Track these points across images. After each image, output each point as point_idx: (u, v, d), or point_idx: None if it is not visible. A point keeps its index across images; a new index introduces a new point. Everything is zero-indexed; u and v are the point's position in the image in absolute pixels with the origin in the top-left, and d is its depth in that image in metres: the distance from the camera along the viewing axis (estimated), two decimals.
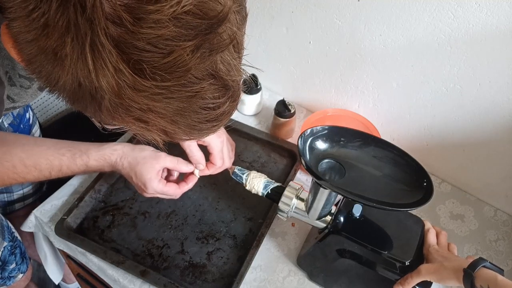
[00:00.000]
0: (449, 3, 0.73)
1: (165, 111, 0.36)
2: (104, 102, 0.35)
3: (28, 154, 0.63)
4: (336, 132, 0.64)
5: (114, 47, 0.31)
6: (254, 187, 0.73)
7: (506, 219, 0.94)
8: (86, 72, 0.33)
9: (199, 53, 0.33)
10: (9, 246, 0.87)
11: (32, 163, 0.63)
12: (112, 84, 0.33)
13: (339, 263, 0.70)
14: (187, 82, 0.34)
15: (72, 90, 0.35)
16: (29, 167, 0.63)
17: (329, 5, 0.88)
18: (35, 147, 0.65)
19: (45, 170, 0.64)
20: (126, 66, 0.32)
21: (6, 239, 0.86)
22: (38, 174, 0.64)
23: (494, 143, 0.86)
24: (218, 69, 0.36)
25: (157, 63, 0.32)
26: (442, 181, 1.01)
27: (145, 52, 0.32)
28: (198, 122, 0.39)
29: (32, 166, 0.63)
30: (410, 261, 0.64)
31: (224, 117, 0.41)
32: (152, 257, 0.81)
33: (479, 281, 0.56)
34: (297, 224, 0.89)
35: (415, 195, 0.57)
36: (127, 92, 0.34)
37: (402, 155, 0.61)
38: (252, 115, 1.11)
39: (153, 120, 0.37)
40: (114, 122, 0.38)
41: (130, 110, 0.36)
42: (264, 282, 0.80)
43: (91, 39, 0.31)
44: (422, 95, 0.89)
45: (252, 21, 1.05)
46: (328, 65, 1.00)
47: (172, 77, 0.33)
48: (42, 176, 0.65)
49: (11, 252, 0.88)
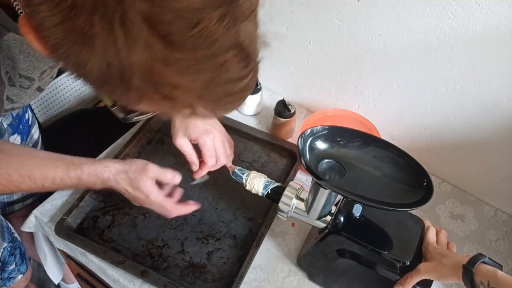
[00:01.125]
0: (449, 3, 0.73)
1: (192, 85, 0.36)
2: (133, 82, 0.35)
3: (23, 163, 0.64)
4: (336, 132, 0.64)
5: (143, 22, 0.32)
6: (254, 187, 0.72)
7: (506, 219, 0.94)
8: (115, 50, 0.33)
9: (225, 22, 0.34)
10: (9, 247, 0.87)
11: (26, 172, 0.63)
12: (142, 60, 0.33)
13: (339, 263, 0.70)
14: (214, 53, 0.35)
15: (100, 73, 0.35)
16: (23, 176, 0.63)
17: (329, 5, 0.88)
18: (30, 158, 0.66)
19: (39, 181, 0.64)
20: (156, 40, 0.32)
21: (6, 240, 0.86)
22: (31, 184, 0.64)
23: (494, 143, 0.86)
24: (242, 40, 0.36)
25: (185, 35, 0.33)
26: (442, 181, 1.01)
27: (173, 24, 0.32)
28: (223, 95, 0.39)
29: (27, 176, 0.63)
30: (410, 261, 0.64)
31: (247, 90, 0.41)
32: (152, 257, 0.81)
33: (478, 277, 0.55)
34: (297, 224, 0.89)
35: (415, 195, 0.57)
36: (157, 67, 0.34)
37: (402, 155, 0.61)
38: (252, 115, 1.11)
39: (181, 96, 0.37)
40: (141, 104, 0.39)
41: (159, 88, 0.36)
42: (264, 282, 0.80)
43: (120, 16, 0.31)
44: (422, 95, 0.89)
45: None
46: (328, 65, 1.00)
47: (200, 47, 0.34)
48: (35, 187, 0.65)
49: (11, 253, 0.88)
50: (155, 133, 1.03)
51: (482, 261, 0.57)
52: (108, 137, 1.02)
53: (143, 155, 0.98)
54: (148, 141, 1.01)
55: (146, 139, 1.01)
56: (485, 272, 0.55)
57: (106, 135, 1.04)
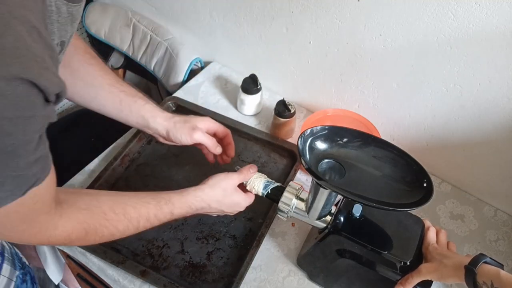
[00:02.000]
0: (449, 3, 0.73)
1: None
2: None
3: (114, 201, 0.61)
4: (336, 132, 0.64)
5: None
6: (254, 187, 0.73)
7: (506, 219, 0.94)
8: None
9: None
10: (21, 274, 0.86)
11: (121, 210, 0.60)
12: None
13: (339, 263, 0.70)
14: None
15: None
16: (119, 215, 0.59)
17: (329, 5, 0.88)
18: (119, 196, 0.63)
19: (134, 219, 0.61)
20: None
21: (17, 267, 0.86)
22: (127, 223, 0.60)
23: (494, 143, 0.86)
24: None
25: None
26: (442, 181, 1.01)
27: None
28: None
29: (122, 214, 0.60)
30: (410, 261, 0.64)
31: None
32: (152, 257, 0.81)
33: (481, 277, 0.55)
34: (297, 224, 0.89)
35: (415, 195, 0.57)
36: None
37: (402, 155, 0.61)
38: (252, 115, 1.11)
39: None
40: None
41: None
42: (264, 282, 0.80)
43: None
44: (422, 95, 0.89)
45: (252, 21, 1.05)
46: (328, 65, 1.00)
47: None
48: (131, 227, 0.61)
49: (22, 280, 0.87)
50: None
51: (484, 261, 0.57)
52: (108, 137, 1.02)
53: (143, 155, 0.98)
54: (148, 141, 1.01)
55: (146, 139, 1.01)
56: (488, 272, 0.55)
57: (106, 135, 1.04)
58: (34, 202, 0.47)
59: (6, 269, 0.82)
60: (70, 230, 0.54)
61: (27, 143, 0.41)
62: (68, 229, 0.53)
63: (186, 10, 1.18)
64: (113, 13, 1.36)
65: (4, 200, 0.43)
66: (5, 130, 0.38)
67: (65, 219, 0.53)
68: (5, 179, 0.41)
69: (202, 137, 0.76)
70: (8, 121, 0.37)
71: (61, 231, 0.53)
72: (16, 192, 0.43)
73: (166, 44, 1.27)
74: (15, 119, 0.38)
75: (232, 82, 1.19)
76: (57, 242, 0.53)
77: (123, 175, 0.94)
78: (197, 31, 1.22)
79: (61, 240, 0.53)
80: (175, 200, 0.65)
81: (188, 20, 1.21)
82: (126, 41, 1.34)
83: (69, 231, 0.54)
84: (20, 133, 0.39)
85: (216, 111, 1.06)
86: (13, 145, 0.39)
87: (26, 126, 0.40)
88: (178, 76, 1.24)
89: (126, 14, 1.34)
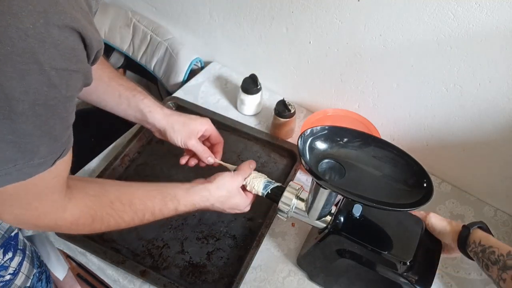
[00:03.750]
0: (449, 3, 0.73)
1: None
2: None
3: (121, 192, 0.61)
4: (336, 132, 0.64)
5: None
6: (254, 187, 0.72)
7: (506, 219, 0.94)
8: None
9: None
10: (37, 272, 0.87)
11: (127, 201, 0.60)
12: None
13: (339, 263, 0.70)
14: None
15: None
16: (125, 205, 0.60)
17: (329, 5, 0.88)
18: (126, 187, 0.63)
19: (140, 212, 0.61)
20: None
21: (35, 266, 0.86)
22: (133, 215, 0.61)
23: (494, 143, 0.86)
24: None
25: None
26: (442, 181, 1.01)
27: None
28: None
29: (128, 205, 0.60)
30: (410, 261, 0.64)
31: None
32: (152, 257, 0.81)
33: (473, 237, 0.63)
34: (297, 224, 0.89)
35: (415, 195, 0.57)
36: None
37: (402, 155, 0.61)
38: (252, 115, 1.11)
39: None
40: None
41: None
42: (264, 282, 0.80)
43: None
44: (422, 95, 0.89)
45: (252, 21, 1.05)
46: (328, 65, 1.00)
47: None
48: (137, 219, 0.62)
49: (38, 278, 0.88)
50: None
51: (479, 226, 0.65)
52: (108, 137, 1.02)
53: (143, 155, 0.98)
54: (148, 141, 1.01)
55: (146, 139, 1.01)
56: (479, 234, 0.63)
57: (106, 135, 1.04)
58: (53, 177, 0.47)
59: (25, 267, 0.82)
60: (77, 215, 0.54)
61: (67, 100, 0.41)
62: (76, 214, 0.54)
63: (186, 10, 1.18)
64: (113, 13, 1.36)
65: (36, 169, 0.43)
66: (51, 81, 0.37)
67: (73, 203, 0.53)
68: (42, 140, 0.40)
69: (196, 146, 0.77)
70: (56, 72, 0.37)
71: (69, 215, 0.53)
72: (48, 161, 0.43)
73: (166, 44, 1.27)
74: (62, 71, 0.38)
75: (232, 82, 1.19)
76: (64, 225, 0.54)
77: (123, 175, 0.94)
78: (197, 31, 1.22)
79: (68, 224, 0.54)
80: (180, 197, 0.66)
81: (188, 20, 1.21)
82: (126, 41, 1.34)
83: (76, 216, 0.54)
84: (64, 87, 0.39)
85: (216, 111, 1.06)
86: (55, 99, 0.39)
87: (69, 80, 0.39)
88: (178, 76, 1.24)
89: (126, 14, 1.33)
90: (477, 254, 0.62)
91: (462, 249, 0.65)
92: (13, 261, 0.78)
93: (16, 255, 0.79)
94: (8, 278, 0.78)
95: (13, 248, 0.79)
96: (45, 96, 0.38)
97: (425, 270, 0.66)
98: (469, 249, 0.63)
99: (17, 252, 0.80)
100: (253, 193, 0.74)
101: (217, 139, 0.81)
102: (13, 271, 0.79)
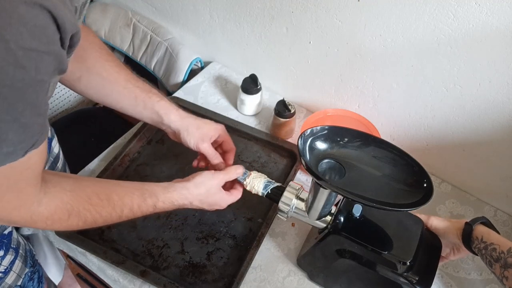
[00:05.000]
0: (449, 3, 0.73)
1: None
2: None
3: (99, 187, 0.60)
4: (336, 132, 0.64)
5: None
6: (254, 187, 0.72)
7: (506, 219, 0.94)
8: None
9: None
10: (30, 272, 0.86)
11: (105, 196, 0.59)
12: None
13: (339, 263, 0.70)
14: None
15: None
16: (103, 201, 0.59)
17: (329, 5, 0.88)
18: (103, 182, 0.63)
19: (118, 207, 0.61)
20: None
21: (28, 265, 0.86)
22: (111, 210, 0.60)
23: (494, 143, 0.86)
24: None
25: None
26: (442, 181, 1.01)
27: None
28: None
29: (106, 200, 0.59)
30: (410, 261, 0.64)
31: None
32: (152, 257, 0.81)
33: (475, 233, 0.64)
34: (297, 224, 0.89)
35: (415, 195, 0.57)
36: None
37: (402, 155, 0.61)
38: (252, 115, 1.11)
39: None
40: None
41: None
42: (264, 282, 0.80)
43: None
44: (422, 95, 0.89)
45: (252, 21, 1.05)
46: (328, 65, 1.00)
47: None
48: (114, 214, 0.61)
49: (30, 277, 0.87)
50: (155, 133, 1.03)
51: (482, 221, 0.66)
52: (108, 137, 1.02)
53: (143, 155, 0.98)
54: (148, 141, 1.01)
55: (146, 139, 1.01)
56: (481, 230, 0.64)
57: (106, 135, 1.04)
58: (26, 168, 0.46)
59: (17, 266, 0.82)
60: (53, 210, 0.53)
61: (37, 84, 0.39)
62: (51, 208, 0.53)
63: (186, 10, 1.18)
64: (113, 13, 1.36)
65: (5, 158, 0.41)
66: (18, 61, 0.35)
67: (49, 197, 0.53)
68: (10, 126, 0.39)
69: (208, 150, 0.76)
70: (23, 52, 0.35)
71: (44, 209, 0.52)
72: (18, 151, 0.42)
73: (166, 44, 1.27)
74: (30, 51, 0.36)
75: (232, 82, 1.19)
76: (39, 220, 0.53)
77: (123, 175, 0.94)
78: (197, 31, 1.22)
79: (43, 218, 0.53)
80: (159, 194, 0.66)
81: (188, 20, 1.21)
82: (126, 41, 1.34)
83: (52, 211, 0.53)
84: (33, 69, 0.37)
85: (216, 111, 1.06)
86: (23, 81, 0.37)
87: (39, 62, 0.38)
88: (178, 76, 1.24)
89: (126, 14, 1.34)
90: (480, 251, 0.63)
91: (467, 246, 0.65)
92: (5, 260, 0.78)
93: (8, 254, 0.79)
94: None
95: (5, 247, 0.78)
96: (11, 78, 0.36)
97: (425, 270, 0.66)
98: (473, 245, 0.64)
99: (9, 251, 0.79)
100: (253, 192, 0.74)
101: (229, 146, 0.81)
102: (4, 270, 0.78)
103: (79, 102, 1.56)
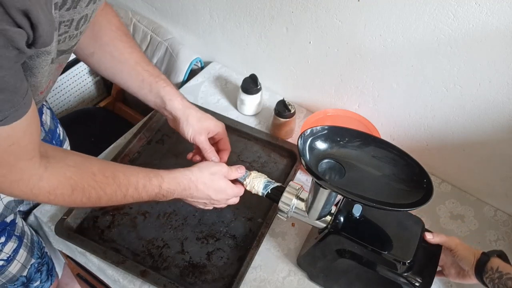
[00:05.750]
0: (449, 3, 0.73)
1: None
2: None
3: (104, 165, 0.60)
4: (336, 132, 0.64)
5: None
6: (254, 187, 0.72)
7: (506, 219, 0.94)
8: None
9: None
10: (37, 263, 0.86)
11: (111, 174, 0.59)
12: None
13: (339, 263, 0.70)
14: None
15: None
16: (108, 178, 0.59)
17: (329, 5, 0.88)
18: (109, 163, 0.62)
19: (123, 186, 0.60)
20: None
21: (35, 256, 0.85)
22: (116, 188, 0.60)
23: (494, 143, 0.86)
24: None
25: None
26: (442, 181, 1.01)
27: None
28: None
29: (111, 178, 0.59)
30: (410, 261, 0.64)
31: None
32: (152, 257, 0.81)
33: (490, 264, 0.64)
34: (297, 224, 0.89)
35: (415, 195, 0.57)
36: None
37: (402, 155, 0.61)
38: (252, 115, 1.11)
39: None
40: None
41: None
42: (264, 282, 0.80)
43: None
44: (422, 95, 0.89)
45: (252, 21, 1.05)
46: (328, 65, 1.00)
47: None
48: (119, 193, 0.60)
49: (37, 269, 0.87)
50: (155, 133, 1.03)
51: (498, 254, 0.66)
52: (108, 137, 1.02)
53: (143, 155, 0.98)
54: (148, 141, 1.01)
55: (146, 139, 1.01)
56: (498, 262, 0.64)
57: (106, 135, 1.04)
58: (8, 144, 0.46)
59: (21, 255, 0.81)
60: (55, 184, 0.53)
61: None
62: (53, 183, 0.53)
63: (186, 10, 1.18)
64: None
65: None
66: None
67: (50, 172, 0.53)
68: None
69: (204, 142, 0.77)
70: None
71: (45, 183, 0.52)
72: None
73: (166, 44, 1.27)
74: None
75: (232, 82, 1.19)
76: (40, 194, 0.53)
77: None
78: (197, 31, 1.22)
79: (45, 193, 0.53)
80: (164, 175, 0.66)
81: (188, 20, 1.21)
82: None
83: (54, 185, 0.53)
84: None
85: (216, 111, 1.06)
86: None
87: None
88: (178, 76, 1.24)
89: (126, 14, 1.34)
90: (493, 280, 0.62)
91: (478, 275, 0.65)
92: (6, 247, 0.77)
93: (10, 241, 0.78)
94: (0, 264, 0.78)
95: (7, 233, 0.78)
96: None
97: (425, 270, 0.66)
98: (485, 275, 0.64)
99: (12, 238, 0.79)
100: (253, 192, 0.74)
101: (226, 146, 0.81)
102: (6, 257, 0.78)
103: (79, 102, 1.56)
